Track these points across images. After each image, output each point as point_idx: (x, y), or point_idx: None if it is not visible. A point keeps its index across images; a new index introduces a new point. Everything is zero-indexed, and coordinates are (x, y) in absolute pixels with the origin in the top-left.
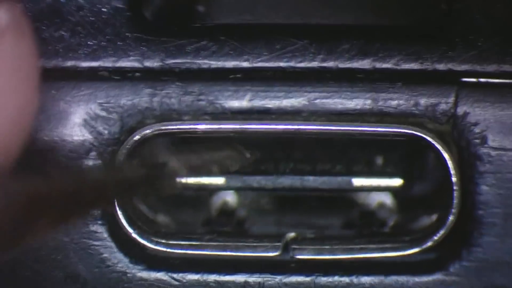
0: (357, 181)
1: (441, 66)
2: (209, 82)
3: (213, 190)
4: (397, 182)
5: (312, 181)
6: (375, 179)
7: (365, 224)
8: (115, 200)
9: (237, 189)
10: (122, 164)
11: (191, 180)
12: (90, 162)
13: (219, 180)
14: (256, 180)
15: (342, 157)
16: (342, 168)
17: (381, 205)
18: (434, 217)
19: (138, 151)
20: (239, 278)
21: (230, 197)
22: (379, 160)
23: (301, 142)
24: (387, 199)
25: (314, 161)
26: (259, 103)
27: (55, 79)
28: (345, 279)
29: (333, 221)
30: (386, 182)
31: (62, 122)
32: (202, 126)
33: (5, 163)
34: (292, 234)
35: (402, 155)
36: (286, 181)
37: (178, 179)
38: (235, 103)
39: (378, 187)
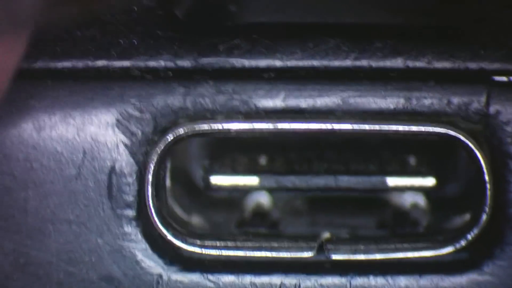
0: (391, 181)
1: (472, 65)
2: (242, 81)
3: (247, 190)
4: (430, 181)
5: (346, 181)
6: (408, 178)
7: (398, 225)
8: (150, 202)
9: (271, 190)
10: None
11: (225, 180)
12: (123, 163)
13: (253, 180)
14: (290, 180)
15: (375, 157)
16: (375, 168)
17: (415, 206)
18: (467, 216)
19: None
20: (275, 279)
21: (264, 198)
22: (412, 160)
23: (334, 142)
24: (420, 199)
25: (347, 161)
26: (292, 102)
27: (87, 79)
28: (380, 279)
29: (367, 222)
30: (420, 181)
31: (95, 122)
32: (235, 126)
33: None
34: (326, 235)
35: (435, 155)
36: (320, 181)
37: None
38: (268, 102)
39: (411, 187)
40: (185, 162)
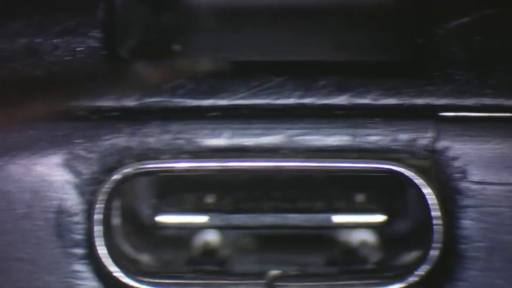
0: (338, 218)
1: (419, 101)
2: (187, 121)
3: (195, 228)
4: (378, 218)
5: (294, 218)
6: (356, 215)
7: (347, 262)
8: (98, 240)
9: (219, 228)
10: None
11: (172, 219)
12: (71, 202)
13: (201, 219)
14: (238, 218)
15: (323, 195)
16: (323, 205)
17: (363, 243)
18: (417, 253)
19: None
20: None
21: (212, 236)
22: (360, 197)
23: (281, 180)
24: (369, 236)
25: (295, 199)
26: (237, 140)
27: (34, 119)
28: None
29: (316, 259)
30: (368, 218)
31: (43, 162)
32: (181, 165)
33: None
34: (275, 272)
35: (383, 192)
36: (268, 219)
37: (159, 218)
38: (213, 141)
39: (359, 224)
40: (133, 201)
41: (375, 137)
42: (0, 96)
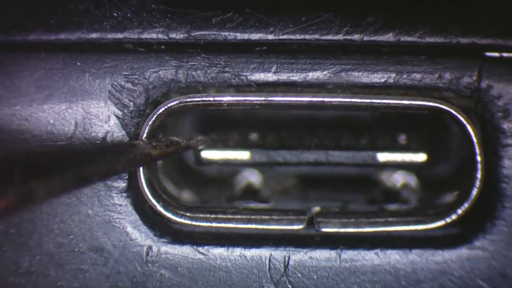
0: (382, 156)
1: (464, 40)
2: (234, 54)
3: (238, 165)
4: (421, 157)
5: (336, 156)
6: (398, 154)
7: (388, 202)
8: (140, 173)
9: (262, 165)
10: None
11: (216, 154)
12: (115, 135)
13: (244, 155)
14: (281, 155)
15: (366, 134)
16: (366, 144)
17: (405, 185)
18: (457, 193)
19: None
20: (264, 251)
21: (254, 176)
22: (403, 137)
23: (325, 118)
24: (411, 179)
25: (338, 138)
26: (284, 75)
27: (80, 51)
28: (370, 253)
29: (357, 199)
30: (410, 157)
31: (87, 94)
32: (227, 98)
33: None
34: (316, 208)
35: (425, 132)
36: (311, 155)
37: (203, 154)
38: (260, 75)
39: (402, 163)
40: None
41: (419, 74)
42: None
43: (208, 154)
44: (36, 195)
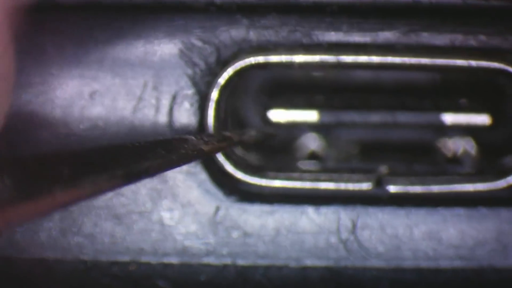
0: (447, 117)
1: None
2: (305, 14)
3: (305, 125)
4: (485, 119)
5: (403, 116)
6: (463, 115)
7: (451, 164)
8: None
9: (330, 125)
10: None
11: (283, 114)
12: (185, 92)
13: (312, 116)
14: (349, 115)
15: (431, 98)
16: (431, 106)
17: (465, 151)
18: None
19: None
20: (333, 210)
21: (318, 143)
22: (467, 101)
23: (390, 82)
24: (471, 145)
25: (404, 100)
26: (354, 36)
27: (150, 11)
28: (438, 211)
29: (421, 162)
30: (475, 119)
31: (158, 52)
32: (298, 58)
33: None
34: (384, 169)
35: (488, 96)
36: (378, 117)
37: (270, 113)
38: (331, 36)
39: (467, 124)
40: (244, 100)
41: (486, 36)
42: None
43: (275, 114)
44: (83, 193)
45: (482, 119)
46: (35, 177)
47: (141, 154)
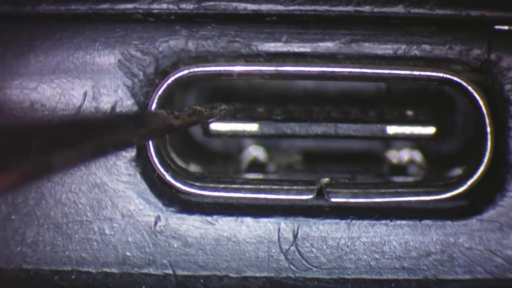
0: (391, 129)
1: (474, 12)
2: (244, 24)
3: (247, 137)
4: (429, 130)
5: (345, 128)
6: (408, 127)
7: (396, 175)
8: (149, 143)
9: (270, 136)
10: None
11: (224, 126)
12: (125, 103)
13: (252, 127)
14: (289, 127)
15: (375, 108)
16: (375, 117)
17: (411, 161)
18: (466, 166)
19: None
20: (274, 221)
21: (260, 153)
22: (411, 111)
23: (334, 94)
24: (417, 156)
25: (347, 112)
26: (294, 45)
27: (90, 21)
28: (380, 223)
29: (365, 173)
30: (419, 130)
31: (97, 63)
32: (237, 68)
33: None
34: (326, 179)
35: (433, 107)
36: (320, 128)
37: (211, 126)
38: (270, 46)
39: (411, 135)
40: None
41: (430, 46)
42: None
43: (217, 126)
44: (53, 166)
45: (428, 130)
46: (4, 150)
47: (112, 127)
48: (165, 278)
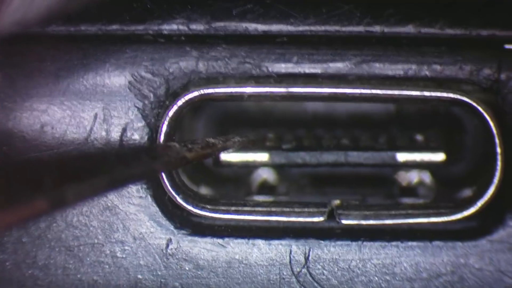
0: (401, 156)
1: (484, 32)
2: (255, 46)
3: (257, 166)
4: (439, 157)
5: (355, 156)
6: (418, 153)
7: (406, 197)
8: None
9: (281, 166)
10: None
11: (235, 157)
12: (135, 125)
13: (263, 157)
14: (300, 156)
15: (384, 134)
16: (385, 144)
17: (421, 183)
18: (476, 187)
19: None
20: (285, 243)
21: (270, 175)
22: (421, 136)
23: (343, 119)
24: (427, 177)
25: (357, 138)
26: (305, 66)
27: (100, 42)
28: (391, 245)
29: (375, 195)
30: (430, 156)
31: (107, 85)
32: (247, 90)
33: None
34: (337, 201)
35: (442, 131)
36: (330, 157)
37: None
38: (281, 67)
39: (421, 162)
40: (195, 132)
41: (440, 66)
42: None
43: (227, 157)
44: (66, 200)
45: (438, 157)
46: (18, 184)
47: (125, 161)
48: None
